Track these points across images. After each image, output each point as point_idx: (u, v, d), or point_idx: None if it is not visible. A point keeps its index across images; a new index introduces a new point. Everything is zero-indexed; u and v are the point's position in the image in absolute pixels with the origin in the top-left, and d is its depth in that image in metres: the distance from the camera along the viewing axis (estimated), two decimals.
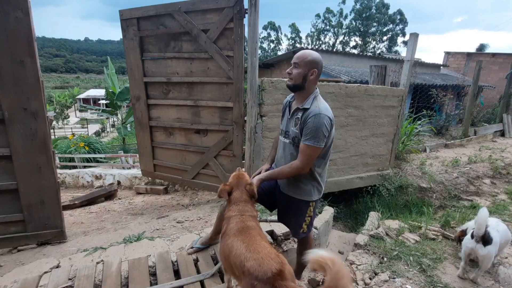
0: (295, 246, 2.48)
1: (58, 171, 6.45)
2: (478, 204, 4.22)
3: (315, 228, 2.76)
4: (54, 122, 23.88)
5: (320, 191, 1.91)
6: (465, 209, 3.97)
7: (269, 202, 2.05)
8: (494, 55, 14.36)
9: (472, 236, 2.20)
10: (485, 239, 2.14)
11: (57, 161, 7.93)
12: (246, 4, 3.01)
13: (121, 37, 3.80)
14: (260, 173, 2.06)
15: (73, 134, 11.52)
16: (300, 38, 41.04)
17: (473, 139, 7.61)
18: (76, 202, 4.55)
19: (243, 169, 1.94)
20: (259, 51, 3.20)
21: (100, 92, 34.55)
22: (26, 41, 2.21)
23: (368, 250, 2.64)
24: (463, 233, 2.59)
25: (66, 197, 5.12)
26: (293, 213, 1.93)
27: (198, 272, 2.11)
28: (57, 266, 2.09)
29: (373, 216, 3.35)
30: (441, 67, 14.63)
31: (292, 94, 1.89)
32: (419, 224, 3.23)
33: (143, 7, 3.54)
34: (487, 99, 13.13)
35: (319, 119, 1.65)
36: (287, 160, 1.85)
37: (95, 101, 33.94)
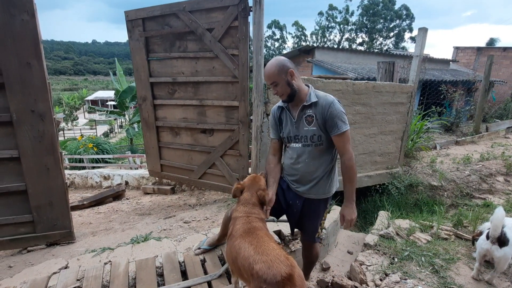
0: None
1: (68, 171, 6.55)
2: (491, 202, 4.10)
3: (324, 228, 2.71)
4: (63, 124, 24.29)
5: (332, 180, 1.85)
6: (478, 207, 3.86)
7: (276, 210, 1.93)
8: (505, 49, 13.99)
9: (488, 237, 2.13)
10: (502, 240, 2.06)
11: (66, 162, 8.05)
12: (250, 2, 2.98)
13: (127, 38, 3.81)
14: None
15: (82, 135, 11.68)
16: (305, 36, 40.74)
17: (484, 135, 7.42)
18: (84, 202, 4.60)
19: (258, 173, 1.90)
20: (264, 50, 3.16)
21: (108, 94, 35.01)
22: (33, 43, 2.22)
23: (378, 250, 2.59)
24: (480, 234, 2.51)
25: (75, 197, 5.19)
26: (312, 217, 1.87)
27: (205, 273, 2.09)
28: (66, 267, 2.10)
29: (382, 215, 3.29)
30: (451, 62, 14.34)
31: (280, 102, 1.83)
32: (430, 223, 3.16)
33: (148, 7, 3.54)
34: (498, 95, 12.81)
35: (337, 105, 1.68)
36: (308, 163, 1.76)
37: (103, 102, 34.39)
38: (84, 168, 7.59)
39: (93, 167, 7.48)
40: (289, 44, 41.55)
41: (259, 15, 2.94)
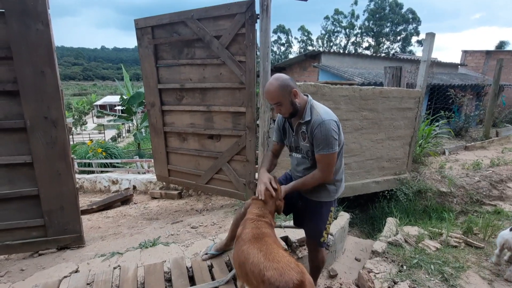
0: None
1: (77, 176, 6.64)
2: (502, 209, 4.03)
3: (331, 234, 2.70)
4: (72, 129, 24.72)
5: (338, 187, 1.88)
6: (489, 214, 3.79)
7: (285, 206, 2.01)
8: None
9: None
10: None
11: (76, 166, 8.19)
12: (257, 10, 3.02)
13: (136, 45, 3.89)
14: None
15: (91, 140, 11.88)
16: (311, 40, 40.80)
17: (495, 140, 7.31)
18: (93, 206, 4.66)
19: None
20: (271, 55, 3.20)
21: (116, 99, 35.50)
22: (47, 52, 2.29)
23: (386, 257, 2.56)
24: None
25: (84, 201, 5.26)
26: (314, 218, 1.89)
27: (213, 278, 2.10)
28: (76, 271, 2.13)
29: (390, 222, 3.25)
30: (459, 66, 14.19)
31: None
32: (439, 230, 3.11)
33: (157, 16, 3.62)
34: (508, 99, 12.60)
35: (325, 127, 1.64)
36: (303, 174, 1.82)
37: (111, 107, 34.90)
38: (92, 172, 7.71)
39: (102, 172, 7.60)
40: (295, 48, 41.69)
41: (266, 22, 2.98)
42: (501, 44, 29.98)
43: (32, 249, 2.54)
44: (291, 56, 36.99)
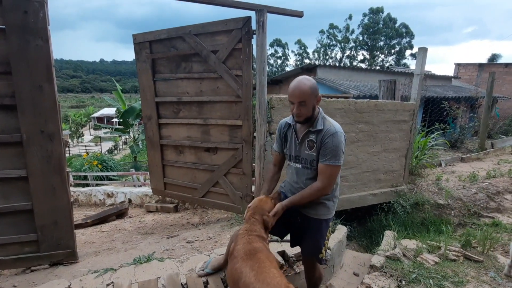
0: None
1: (72, 189, 6.57)
2: (500, 221, 4.02)
3: (328, 249, 2.67)
4: (69, 142, 24.60)
5: (335, 203, 1.88)
6: (487, 227, 3.78)
7: (279, 229, 1.97)
8: (507, 65, 14.15)
9: None
10: None
11: (71, 179, 8.10)
12: (253, 25, 3.09)
13: (134, 57, 3.94)
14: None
15: (87, 153, 11.81)
16: (307, 53, 41.56)
17: (490, 152, 7.37)
18: (88, 220, 4.59)
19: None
20: (267, 68, 3.25)
21: (113, 111, 35.62)
22: (45, 67, 2.31)
23: (384, 272, 2.53)
24: None
25: (78, 215, 5.18)
26: (313, 234, 1.86)
27: None
28: None
29: (388, 235, 3.23)
30: (452, 79, 14.46)
31: (290, 117, 1.85)
32: (438, 244, 3.09)
33: (155, 31, 3.68)
34: (502, 110, 12.82)
35: (337, 138, 1.66)
36: (307, 185, 1.80)
37: (109, 119, 34.95)
38: (88, 185, 7.63)
39: (97, 184, 7.52)
40: (292, 61, 42.33)
41: (262, 38, 3.05)
42: (493, 57, 30.68)
43: (24, 265, 2.48)
44: (287, 69, 37.60)
